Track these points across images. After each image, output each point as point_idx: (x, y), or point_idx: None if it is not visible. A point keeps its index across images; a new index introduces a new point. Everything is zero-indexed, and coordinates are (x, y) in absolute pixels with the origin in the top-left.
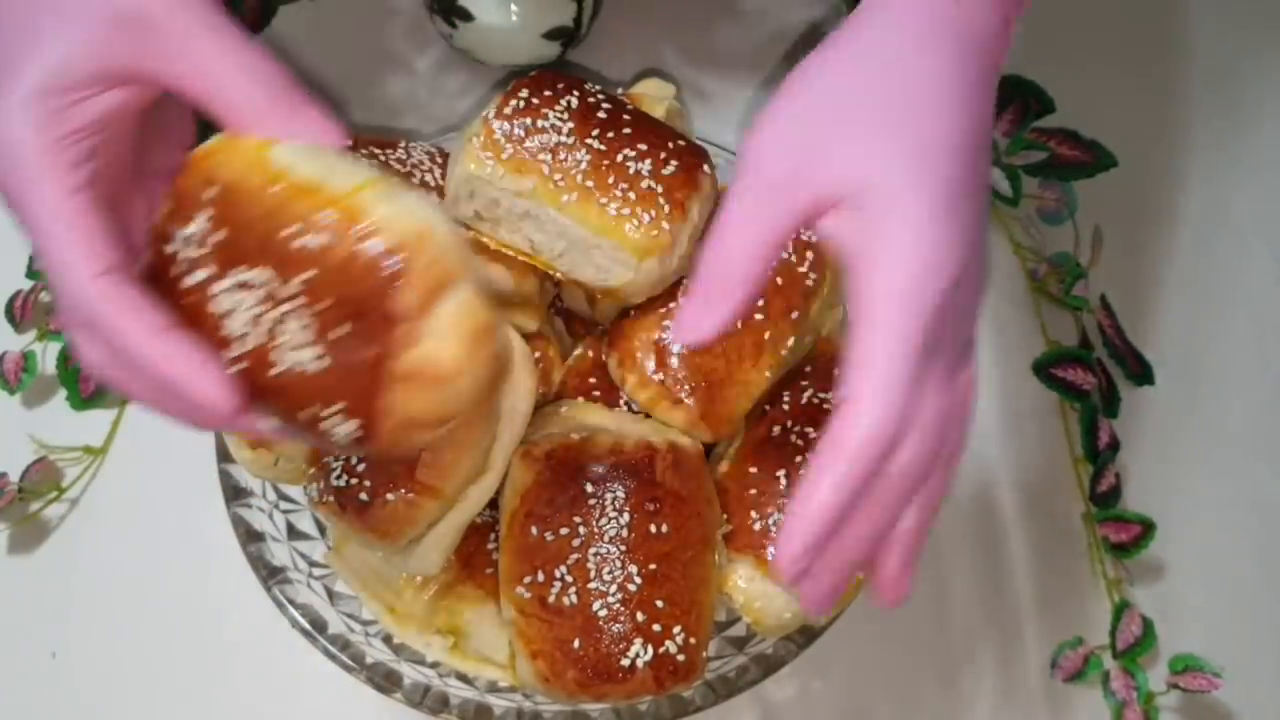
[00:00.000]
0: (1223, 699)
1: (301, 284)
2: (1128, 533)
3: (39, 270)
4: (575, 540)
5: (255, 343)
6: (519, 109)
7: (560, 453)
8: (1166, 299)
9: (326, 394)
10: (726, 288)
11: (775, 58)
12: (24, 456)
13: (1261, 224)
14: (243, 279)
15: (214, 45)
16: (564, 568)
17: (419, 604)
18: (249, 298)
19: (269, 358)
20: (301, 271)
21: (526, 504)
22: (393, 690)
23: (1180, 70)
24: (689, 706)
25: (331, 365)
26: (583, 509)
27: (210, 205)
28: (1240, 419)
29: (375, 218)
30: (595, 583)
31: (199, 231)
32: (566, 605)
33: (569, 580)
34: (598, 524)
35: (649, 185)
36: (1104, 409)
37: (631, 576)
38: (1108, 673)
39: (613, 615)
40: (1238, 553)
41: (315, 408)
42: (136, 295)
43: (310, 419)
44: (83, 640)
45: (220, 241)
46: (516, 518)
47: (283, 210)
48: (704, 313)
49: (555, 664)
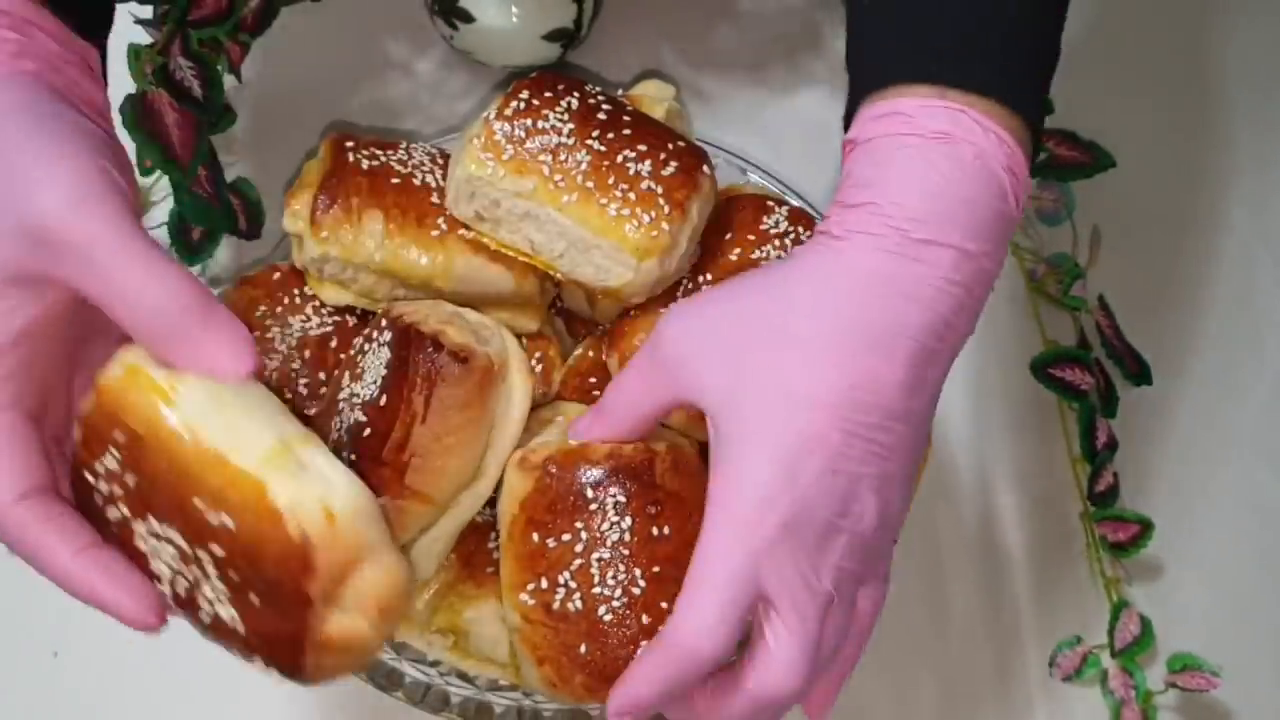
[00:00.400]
0: (1221, 698)
1: (213, 556)
2: (1126, 532)
3: None
4: (578, 546)
5: (179, 587)
6: (519, 110)
7: (559, 459)
8: (1165, 299)
9: (247, 645)
10: (614, 419)
11: (774, 59)
12: None
13: (1261, 224)
14: (157, 531)
15: (122, 258)
16: (567, 574)
17: (419, 603)
18: (168, 547)
19: (195, 599)
20: (212, 542)
21: (526, 511)
22: (393, 689)
23: (1180, 71)
24: None
25: (248, 630)
26: (584, 514)
27: (120, 448)
28: (1239, 419)
29: (281, 502)
30: (599, 588)
31: (112, 469)
32: (571, 611)
33: (573, 586)
34: (599, 529)
35: (649, 186)
36: (1102, 409)
37: (635, 580)
38: (1106, 672)
39: (618, 619)
40: (1236, 552)
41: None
42: (58, 513)
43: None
44: (84, 640)
45: (133, 486)
46: (517, 525)
47: (189, 477)
48: (596, 425)
49: (562, 669)
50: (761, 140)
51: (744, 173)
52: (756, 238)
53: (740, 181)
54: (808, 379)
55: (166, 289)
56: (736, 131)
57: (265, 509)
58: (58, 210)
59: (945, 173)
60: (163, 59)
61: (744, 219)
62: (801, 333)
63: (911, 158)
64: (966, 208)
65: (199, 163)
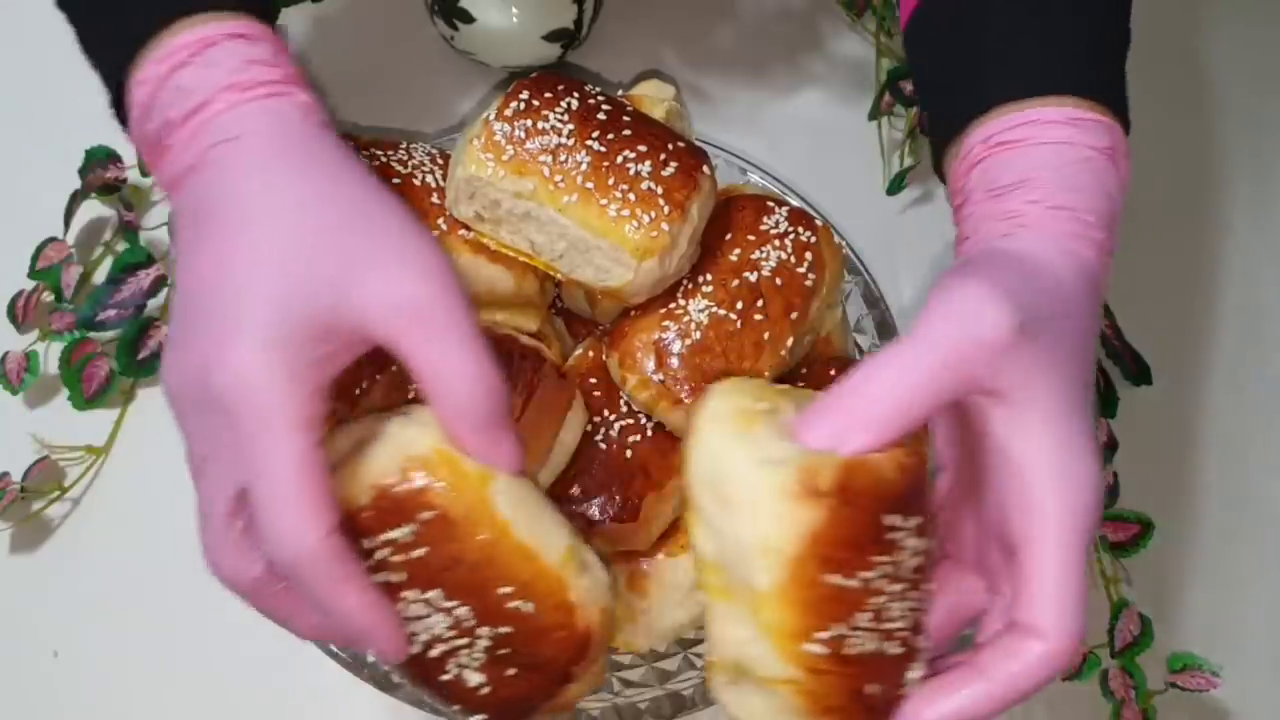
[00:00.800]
0: (1221, 697)
1: (494, 633)
2: (1126, 532)
3: (49, 280)
4: (880, 581)
5: (432, 652)
6: (520, 110)
7: (849, 481)
8: (1165, 299)
9: (480, 705)
10: (886, 420)
11: (775, 59)
12: (26, 456)
13: (1261, 225)
14: (436, 602)
15: (459, 347)
16: (866, 614)
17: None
18: (441, 619)
19: (444, 663)
20: (501, 624)
21: (819, 548)
22: (394, 690)
23: (1180, 72)
24: (688, 705)
25: (490, 694)
26: (884, 543)
27: (421, 525)
28: (1238, 419)
29: (574, 598)
30: (891, 622)
31: (403, 540)
32: (866, 652)
33: (870, 626)
34: (900, 557)
35: (649, 186)
36: (1102, 409)
37: (917, 602)
38: (1106, 671)
39: (906, 648)
40: (1236, 552)
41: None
42: (348, 556)
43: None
44: (85, 639)
45: (421, 559)
46: (800, 565)
47: (497, 565)
48: (859, 428)
49: (850, 716)
50: (761, 140)
51: (744, 173)
52: (756, 238)
53: (740, 181)
54: (1074, 337)
55: (488, 384)
56: (736, 131)
57: (563, 603)
58: (415, 288)
59: (1096, 170)
60: None
61: (744, 219)
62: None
63: (1062, 154)
64: (1108, 203)
65: None
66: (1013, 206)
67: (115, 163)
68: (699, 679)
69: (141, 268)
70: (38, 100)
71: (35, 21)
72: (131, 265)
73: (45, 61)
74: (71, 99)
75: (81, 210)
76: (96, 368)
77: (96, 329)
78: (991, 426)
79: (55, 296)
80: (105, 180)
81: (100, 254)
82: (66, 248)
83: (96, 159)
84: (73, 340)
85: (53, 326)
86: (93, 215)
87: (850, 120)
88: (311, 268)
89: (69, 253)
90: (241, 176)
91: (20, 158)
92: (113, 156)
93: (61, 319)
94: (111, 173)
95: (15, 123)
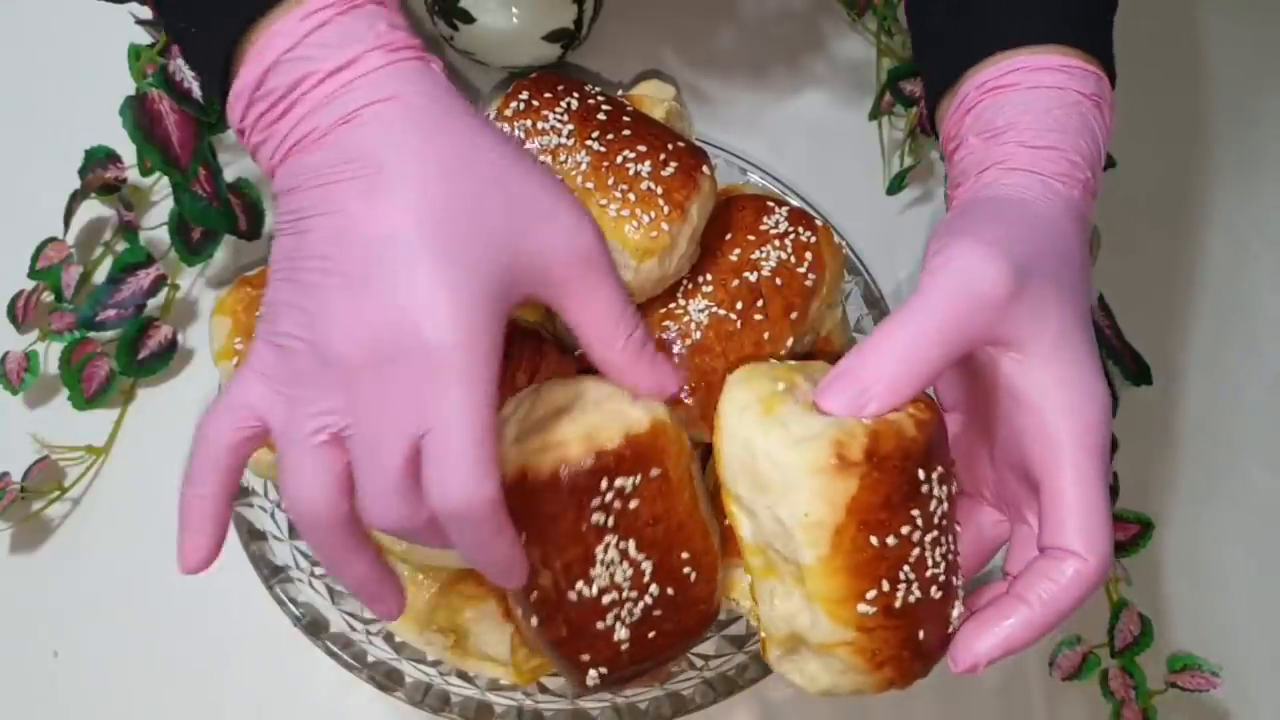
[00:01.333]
0: (1221, 698)
1: (660, 593)
2: (1126, 532)
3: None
4: (915, 534)
5: (605, 598)
6: (519, 110)
7: (877, 448)
8: (1165, 299)
9: (607, 656)
10: (904, 379)
11: (775, 59)
12: (26, 456)
13: (1261, 224)
14: (630, 553)
15: (622, 289)
16: (908, 568)
17: (419, 602)
18: (625, 569)
19: (605, 610)
20: (669, 586)
21: (858, 515)
22: (394, 689)
23: (1180, 71)
24: (689, 705)
25: (626, 650)
26: (918, 499)
27: (645, 480)
28: (1239, 419)
29: (720, 576)
30: (931, 569)
31: (625, 489)
32: (912, 602)
33: (913, 578)
34: (932, 510)
35: (649, 186)
36: None
37: (952, 545)
38: (1106, 671)
39: (945, 591)
40: (1236, 552)
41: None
42: (504, 507)
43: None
44: (84, 639)
45: (630, 512)
46: (845, 534)
47: (686, 529)
48: (882, 390)
49: (904, 664)
50: (762, 141)
51: (744, 173)
52: (756, 238)
53: (740, 181)
54: (1072, 276)
55: (643, 321)
56: (737, 132)
57: (713, 578)
58: (581, 238)
59: (1083, 114)
60: (163, 60)
61: (744, 219)
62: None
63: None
64: (1094, 146)
65: (199, 163)
66: (1004, 149)
67: (115, 162)
68: (699, 679)
69: (141, 267)
70: (37, 100)
71: (35, 22)
72: (131, 265)
73: (45, 61)
74: (71, 99)
75: (81, 210)
76: (96, 368)
77: (96, 329)
78: (1000, 370)
79: (55, 296)
80: (105, 180)
81: (100, 254)
82: (66, 248)
83: (96, 159)
84: (73, 340)
85: (53, 326)
86: (92, 215)
87: (851, 121)
88: (483, 220)
89: (69, 252)
90: (404, 130)
91: (20, 158)
92: (112, 156)
93: (61, 319)
94: (111, 172)
95: (15, 123)
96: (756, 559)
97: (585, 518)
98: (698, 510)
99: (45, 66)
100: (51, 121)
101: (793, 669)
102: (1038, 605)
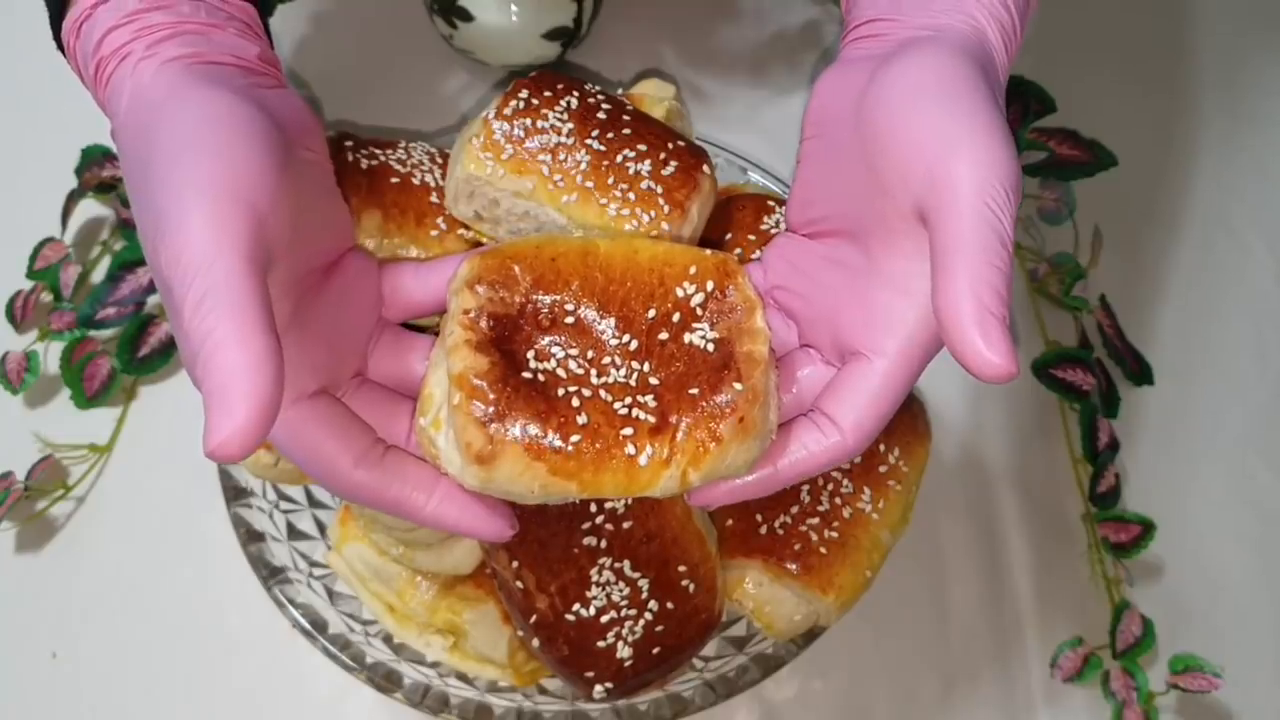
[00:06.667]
0: (1222, 699)
1: (659, 609)
2: (1127, 533)
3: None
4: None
5: (605, 618)
6: (519, 109)
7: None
8: (1166, 299)
9: (614, 673)
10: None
11: (774, 58)
12: (29, 455)
13: (1262, 224)
14: (623, 571)
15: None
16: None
17: (419, 604)
18: (621, 588)
19: (606, 629)
20: (668, 600)
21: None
22: (393, 690)
23: (1180, 70)
24: (689, 706)
25: (630, 665)
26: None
27: (635, 500)
28: (1239, 419)
29: (719, 583)
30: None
31: (614, 510)
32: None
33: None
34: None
35: (649, 186)
36: (1104, 409)
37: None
38: (1108, 673)
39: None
40: (1237, 552)
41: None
42: (408, 465)
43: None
44: (84, 639)
45: (626, 530)
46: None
47: (681, 543)
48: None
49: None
50: (762, 140)
51: (744, 172)
52: (756, 238)
53: (740, 181)
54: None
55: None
56: (737, 131)
57: (713, 587)
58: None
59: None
60: None
61: (744, 219)
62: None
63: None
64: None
65: None
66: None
67: (111, 161)
68: (699, 680)
69: (140, 265)
70: (33, 100)
71: (32, 22)
72: (130, 263)
73: (41, 61)
74: (66, 99)
75: (78, 209)
76: (97, 366)
77: (96, 327)
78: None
79: (54, 296)
80: (102, 179)
81: (98, 253)
82: (64, 247)
83: (92, 158)
84: (73, 339)
85: (52, 326)
86: (90, 214)
87: None
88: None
89: (67, 252)
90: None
91: (16, 158)
92: (109, 155)
93: (61, 318)
94: (108, 171)
95: (11, 123)
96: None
97: (576, 541)
98: (691, 521)
99: (41, 66)
100: (47, 121)
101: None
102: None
